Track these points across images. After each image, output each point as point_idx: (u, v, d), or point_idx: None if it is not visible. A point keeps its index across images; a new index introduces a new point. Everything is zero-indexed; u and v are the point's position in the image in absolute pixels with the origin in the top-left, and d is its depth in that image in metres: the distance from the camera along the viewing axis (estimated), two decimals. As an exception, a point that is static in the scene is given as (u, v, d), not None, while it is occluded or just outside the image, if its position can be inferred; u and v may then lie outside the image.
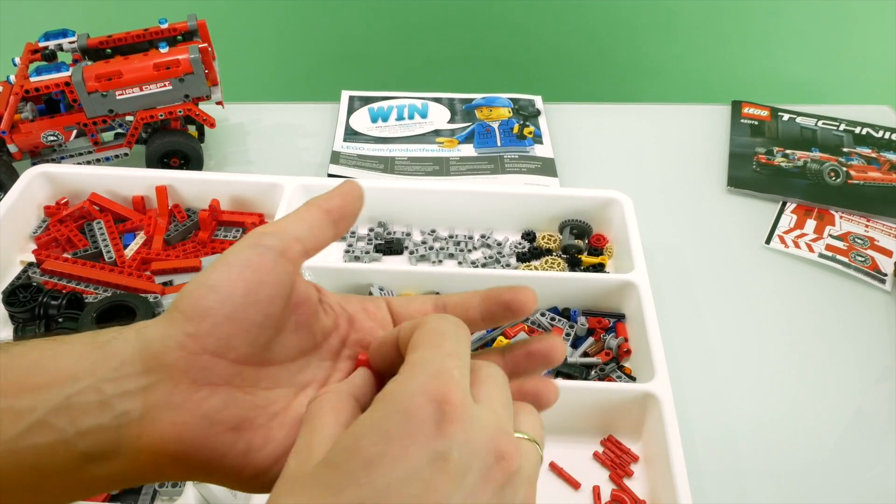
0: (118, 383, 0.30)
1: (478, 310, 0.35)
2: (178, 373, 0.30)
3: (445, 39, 1.17)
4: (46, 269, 0.67)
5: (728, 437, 0.59)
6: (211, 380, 0.31)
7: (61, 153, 0.77)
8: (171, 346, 0.30)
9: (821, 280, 0.73)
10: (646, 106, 0.96)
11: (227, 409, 0.31)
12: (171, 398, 0.30)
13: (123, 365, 0.30)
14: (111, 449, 0.30)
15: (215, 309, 0.31)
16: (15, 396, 0.30)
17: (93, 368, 0.30)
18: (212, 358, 0.31)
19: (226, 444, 0.31)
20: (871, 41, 1.12)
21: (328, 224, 0.35)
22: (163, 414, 0.30)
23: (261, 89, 1.23)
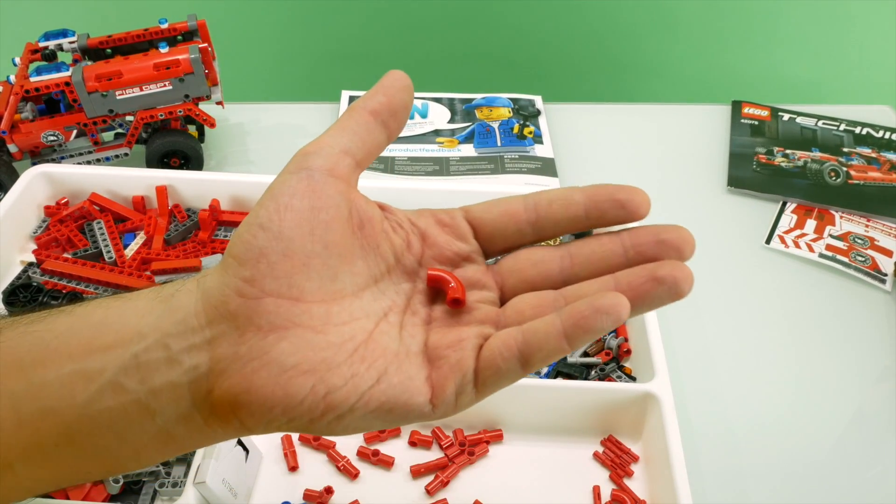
0: (183, 337, 0.29)
1: (581, 206, 0.32)
2: (242, 320, 0.28)
3: (445, 39, 1.17)
4: (46, 269, 0.67)
5: (728, 437, 0.59)
6: (277, 323, 0.28)
7: (61, 153, 0.77)
8: (230, 293, 0.28)
9: (821, 280, 0.73)
10: (646, 106, 0.96)
11: (298, 352, 0.28)
12: (237, 348, 0.28)
13: (188, 318, 0.29)
14: (185, 407, 0.29)
15: (268, 247, 0.28)
16: (83, 359, 0.29)
17: (158, 323, 0.29)
18: (275, 300, 0.28)
19: (303, 389, 0.28)
20: (871, 41, 1.12)
21: (377, 126, 0.32)
22: (231, 365, 0.28)
23: (261, 89, 1.23)
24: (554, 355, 0.28)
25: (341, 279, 0.30)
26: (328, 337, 0.29)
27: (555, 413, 0.56)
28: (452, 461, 0.55)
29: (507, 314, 0.31)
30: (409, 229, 0.33)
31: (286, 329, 0.28)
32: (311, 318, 0.29)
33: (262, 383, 0.28)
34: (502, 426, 0.57)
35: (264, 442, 0.56)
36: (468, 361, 0.29)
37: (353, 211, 0.31)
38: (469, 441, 0.56)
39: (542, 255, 0.32)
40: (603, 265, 0.31)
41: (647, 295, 0.29)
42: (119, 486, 0.51)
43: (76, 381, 0.29)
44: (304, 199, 0.29)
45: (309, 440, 0.56)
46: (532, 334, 0.29)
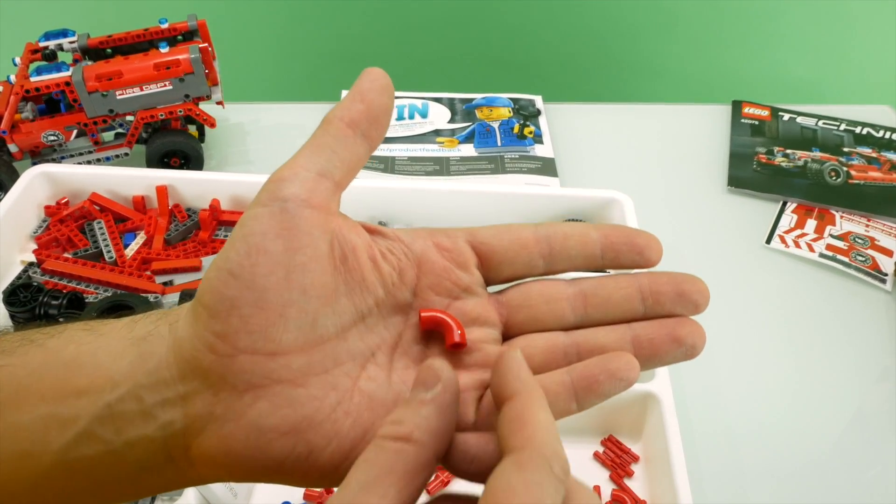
0: (157, 391, 0.27)
1: (598, 246, 0.30)
2: (215, 378, 0.26)
3: (445, 39, 1.17)
4: (47, 269, 0.67)
5: (728, 437, 0.59)
6: (254, 382, 0.26)
7: (61, 153, 0.77)
8: (202, 349, 0.26)
9: (821, 280, 0.73)
10: (646, 106, 0.96)
11: (277, 411, 0.26)
12: (213, 408, 0.26)
13: (160, 368, 0.27)
14: (162, 459, 0.27)
15: (240, 298, 0.25)
16: (56, 403, 0.27)
17: (130, 371, 0.27)
18: (250, 357, 0.26)
19: (283, 451, 0.26)
20: (871, 41, 1.12)
21: (356, 139, 0.28)
22: (207, 426, 0.26)
23: (261, 89, 1.23)
24: (560, 416, 0.27)
25: (322, 323, 0.27)
26: (309, 390, 0.26)
27: (555, 413, 0.56)
28: (452, 461, 0.55)
29: None
30: (401, 255, 0.29)
31: (263, 387, 0.26)
32: (289, 371, 0.26)
33: (241, 446, 0.26)
34: (502, 426, 0.57)
35: (264, 442, 0.56)
36: (468, 416, 0.27)
37: (335, 243, 0.27)
38: (469, 441, 0.56)
39: (555, 290, 0.30)
40: (618, 311, 0.30)
41: (663, 354, 0.29)
42: (119, 486, 0.51)
43: (51, 426, 0.27)
44: (278, 239, 0.26)
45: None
46: None
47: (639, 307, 0.29)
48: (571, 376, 0.27)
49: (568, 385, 0.27)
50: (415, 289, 0.29)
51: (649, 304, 0.29)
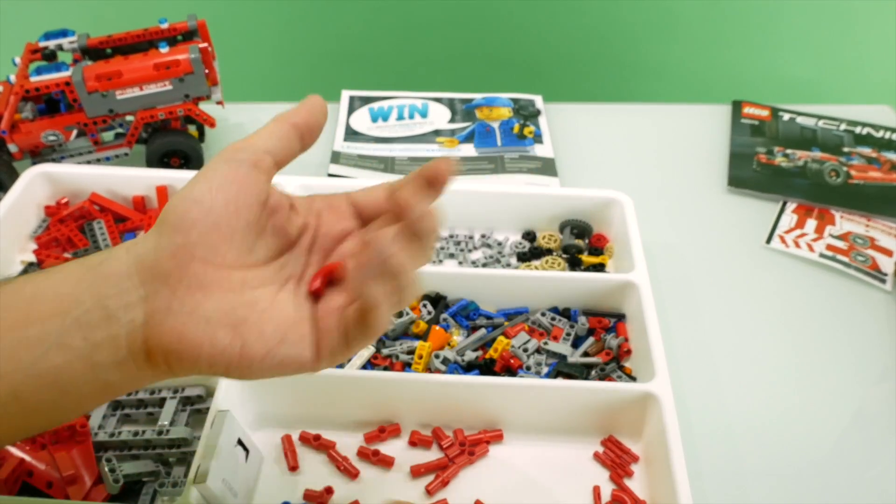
0: (120, 297, 0.33)
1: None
2: (174, 280, 0.34)
3: (446, 39, 1.18)
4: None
5: (728, 437, 0.59)
6: (204, 284, 0.34)
7: (61, 153, 0.77)
8: (164, 256, 0.34)
9: (821, 280, 0.73)
10: (646, 106, 0.96)
11: (221, 309, 0.34)
12: (170, 304, 0.33)
13: (121, 281, 0.34)
14: (122, 356, 0.34)
15: (201, 220, 0.34)
16: (23, 329, 0.33)
17: (92, 289, 0.33)
18: (203, 264, 0.34)
19: (224, 341, 0.34)
20: (871, 41, 1.12)
21: (295, 137, 0.38)
22: (164, 318, 0.33)
23: (261, 89, 1.23)
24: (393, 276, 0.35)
25: (255, 252, 0.37)
26: (244, 298, 0.35)
27: (555, 413, 0.56)
28: (452, 461, 0.55)
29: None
30: (307, 212, 0.40)
31: (210, 289, 0.34)
32: (230, 281, 0.35)
33: (192, 334, 0.34)
34: (502, 426, 0.57)
35: (264, 442, 0.56)
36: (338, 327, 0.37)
37: (270, 199, 0.37)
38: (469, 441, 0.56)
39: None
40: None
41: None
42: (119, 486, 0.51)
43: (20, 349, 0.32)
44: (234, 183, 0.35)
45: (309, 440, 0.56)
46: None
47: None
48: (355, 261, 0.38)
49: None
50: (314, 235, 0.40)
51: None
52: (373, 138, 0.87)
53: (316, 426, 0.57)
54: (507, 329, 0.63)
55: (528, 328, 0.64)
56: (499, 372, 0.60)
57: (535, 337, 0.63)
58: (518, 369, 0.60)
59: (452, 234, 0.73)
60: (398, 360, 0.61)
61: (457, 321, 0.64)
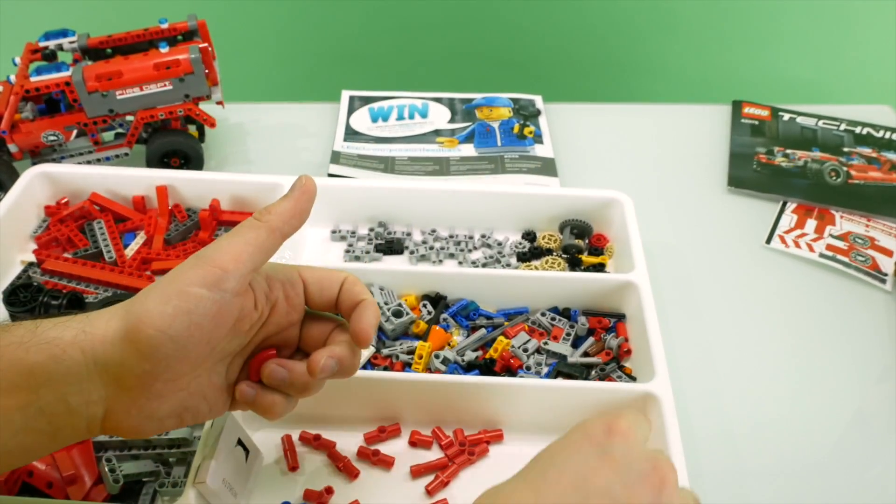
0: (81, 395, 0.38)
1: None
2: (135, 393, 0.39)
3: (446, 39, 1.18)
4: (47, 269, 0.67)
5: (728, 437, 0.59)
6: (162, 394, 0.39)
7: (61, 153, 0.77)
8: (130, 375, 0.38)
9: (821, 280, 0.73)
10: (646, 106, 0.96)
11: (172, 408, 0.40)
12: (128, 409, 0.39)
13: (80, 381, 0.38)
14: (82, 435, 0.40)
15: (172, 355, 0.38)
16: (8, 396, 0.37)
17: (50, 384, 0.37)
18: (163, 383, 0.39)
19: (170, 427, 0.42)
20: (871, 41, 1.12)
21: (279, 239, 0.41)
22: (123, 419, 0.39)
23: (261, 89, 1.23)
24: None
25: (209, 356, 0.41)
26: (191, 391, 0.41)
27: (555, 413, 0.56)
28: (452, 461, 0.55)
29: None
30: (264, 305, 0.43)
31: (164, 396, 0.40)
32: (181, 383, 0.40)
33: (147, 429, 0.40)
34: (502, 426, 0.57)
35: (264, 442, 0.56)
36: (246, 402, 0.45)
37: (240, 314, 0.41)
38: (469, 441, 0.56)
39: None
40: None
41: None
42: (119, 486, 0.51)
43: None
44: (212, 319, 0.39)
45: (309, 440, 0.56)
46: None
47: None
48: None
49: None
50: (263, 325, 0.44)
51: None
52: (373, 138, 0.87)
53: (316, 426, 0.57)
54: (507, 329, 0.63)
55: (528, 328, 0.64)
56: (499, 372, 0.60)
57: (535, 337, 0.63)
58: (518, 369, 0.60)
59: (452, 234, 0.73)
60: (398, 360, 0.61)
61: (457, 321, 0.64)
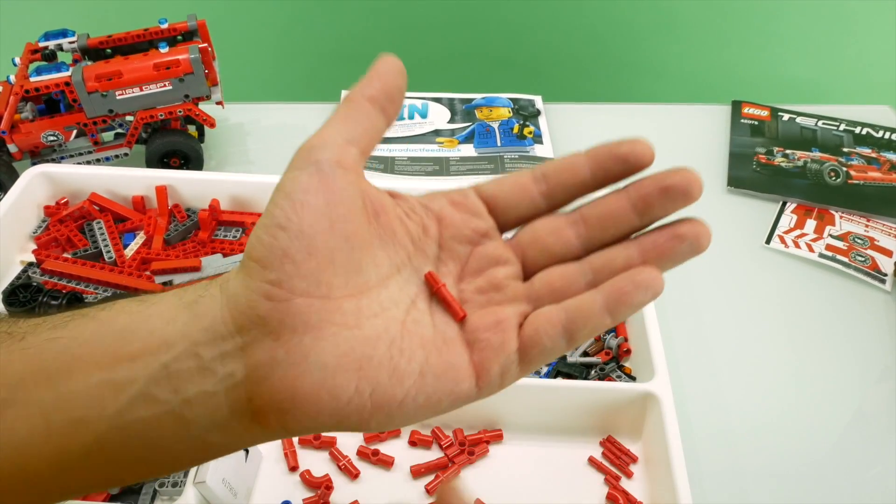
0: (214, 345, 0.28)
1: (587, 169, 0.32)
2: (274, 324, 0.27)
3: (445, 39, 1.17)
4: (46, 269, 0.67)
5: (728, 437, 0.59)
6: (312, 323, 0.28)
7: (61, 153, 0.77)
8: (257, 298, 0.28)
9: (821, 280, 0.73)
10: (646, 106, 0.96)
11: (338, 350, 0.28)
12: (274, 353, 0.27)
13: (215, 325, 0.28)
14: (223, 416, 0.28)
15: (291, 247, 0.28)
16: (110, 368, 0.28)
17: (185, 331, 0.28)
18: (305, 300, 0.28)
19: (347, 389, 0.28)
20: (871, 41, 1.12)
21: (376, 113, 0.32)
22: (270, 372, 0.27)
23: (261, 89, 1.22)
24: (598, 330, 0.30)
25: (365, 271, 0.29)
26: (363, 332, 0.28)
27: (555, 413, 0.56)
28: (452, 461, 0.55)
29: (537, 288, 0.31)
30: (423, 214, 0.33)
31: (321, 328, 0.28)
32: (343, 314, 0.28)
33: (308, 387, 0.27)
34: (502, 426, 0.57)
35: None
36: (511, 343, 0.30)
37: (367, 201, 0.30)
38: (469, 441, 0.56)
39: (557, 223, 0.32)
40: (614, 224, 0.31)
41: (671, 254, 0.30)
42: (119, 486, 0.51)
43: (105, 392, 0.28)
44: (319, 194, 0.28)
45: (309, 440, 0.56)
46: (576, 312, 0.29)
47: (633, 216, 0.31)
48: (602, 294, 0.29)
49: (600, 301, 0.29)
50: (439, 241, 0.33)
51: (640, 208, 0.31)
52: (373, 138, 0.87)
53: (316, 426, 0.57)
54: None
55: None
56: (499, 372, 0.60)
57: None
58: (518, 369, 0.60)
59: (452, 234, 0.73)
60: (398, 360, 0.60)
61: (457, 321, 0.64)
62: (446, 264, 0.32)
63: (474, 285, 0.32)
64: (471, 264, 0.32)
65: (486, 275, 0.32)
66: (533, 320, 0.30)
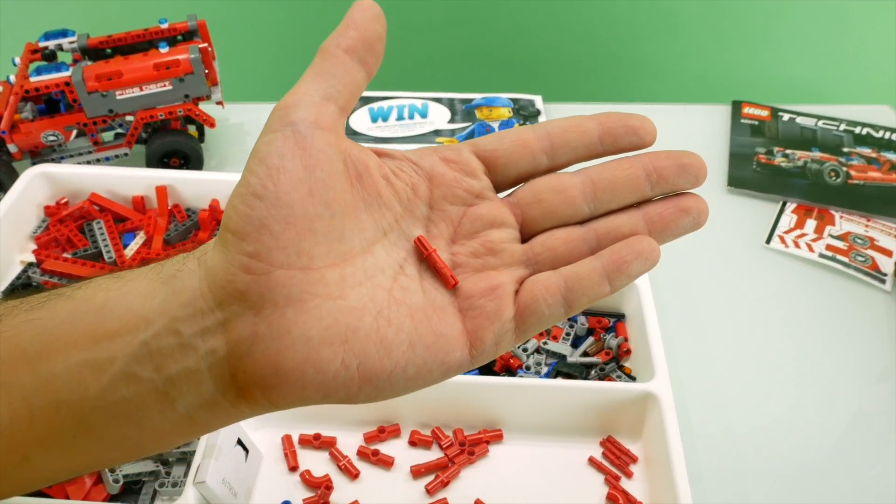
0: (194, 321, 0.27)
1: (595, 133, 0.31)
2: (255, 298, 0.26)
3: (445, 39, 1.17)
4: (46, 269, 0.67)
5: (728, 437, 0.59)
6: (293, 296, 0.27)
7: (61, 153, 0.77)
8: (235, 271, 0.26)
9: (821, 280, 0.73)
10: (646, 106, 0.96)
11: (321, 322, 0.27)
12: (256, 328, 0.26)
13: (194, 300, 0.27)
14: (208, 392, 0.27)
15: (268, 217, 0.26)
16: (89, 348, 0.28)
17: (163, 307, 0.27)
18: (285, 272, 0.26)
19: (333, 363, 0.27)
20: (871, 41, 1.12)
21: (354, 65, 0.29)
22: (252, 347, 0.26)
23: (261, 89, 1.22)
24: (596, 299, 0.29)
25: (349, 238, 0.28)
26: (348, 302, 0.27)
27: (555, 413, 0.56)
28: (452, 461, 0.55)
29: (538, 252, 0.30)
30: (411, 172, 0.31)
31: (303, 301, 0.27)
32: (326, 284, 0.27)
33: (291, 363, 0.26)
34: (502, 426, 0.57)
35: (264, 442, 0.56)
36: (507, 310, 0.29)
37: (348, 162, 0.29)
38: (469, 441, 0.56)
39: (563, 181, 0.31)
40: (626, 190, 0.31)
41: (673, 226, 0.31)
42: (119, 486, 0.51)
43: (86, 372, 0.27)
44: (295, 158, 0.27)
45: (309, 440, 0.56)
46: (575, 280, 0.29)
47: (645, 185, 0.31)
48: (601, 261, 0.29)
49: (599, 269, 0.29)
50: (430, 201, 0.31)
51: (654, 179, 0.31)
52: (372, 138, 0.87)
53: (316, 426, 0.57)
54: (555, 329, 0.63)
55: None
56: (498, 372, 0.60)
57: (534, 336, 0.63)
58: (518, 369, 0.60)
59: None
60: (398, 360, 0.60)
61: (457, 321, 0.64)
62: (437, 226, 0.31)
63: (468, 248, 0.30)
64: (464, 226, 0.31)
65: (481, 237, 0.31)
66: (530, 287, 0.29)
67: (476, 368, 0.60)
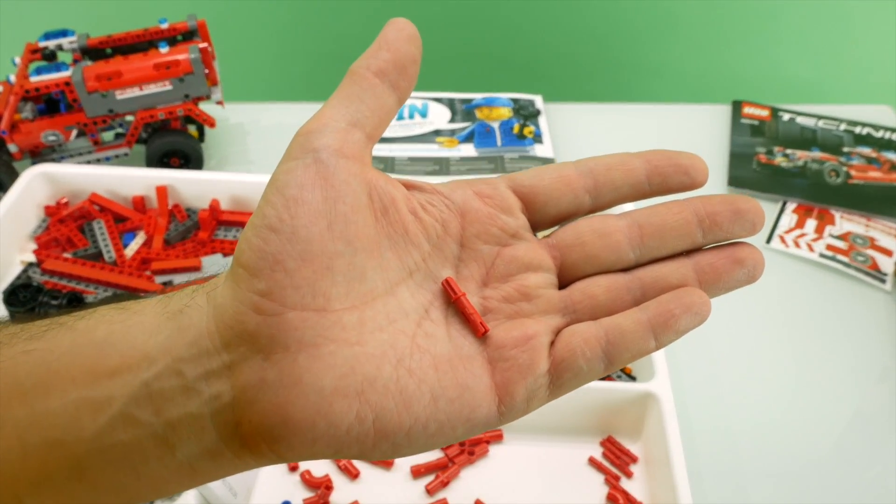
0: (198, 363, 0.25)
1: (642, 172, 0.29)
2: (265, 341, 0.24)
3: (445, 39, 1.17)
4: (47, 269, 0.67)
5: (728, 437, 0.59)
6: (306, 340, 0.24)
7: (61, 153, 0.77)
8: (245, 311, 0.24)
9: (821, 280, 0.73)
10: (646, 106, 0.96)
11: (336, 371, 0.24)
12: (264, 374, 0.24)
13: (200, 339, 0.25)
14: (210, 440, 0.25)
15: (283, 252, 0.24)
16: (88, 385, 0.26)
17: (167, 345, 0.25)
18: (299, 313, 0.24)
19: (347, 416, 0.24)
20: (871, 41, 1.12)
21: (385, 89, 0.27)
22: (260, 395, 0.24)
23: (261, 89, 1.22)
24: (640, 355, 0.26)
25: (370, 277, 0.26)
26: (366, 349, 0.25)
27: (554, 413, 0.56)
28: (452, 461, 0.55)
29: (577, 299, 0.28)
30: (442, 206, 0.28)
31: (317, 346, 0.24)
32: (343, 329, 0.25)
33: (301, 414, 0.24)
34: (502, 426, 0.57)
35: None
36: (541, 363, 0.26)
37: (374, 194, 0.26)
38: (469, 441, 0.56)
39: (607, 224, 0.28)
40: (676, 237, 0.28)
41: (727, 278, 0.27)
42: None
43: (83, 411, 0.25)
44: (316, 189, 0.25)
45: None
46: (617, 333, 0.26)
47: (696, 232, 0.28)
48: (647, 314, 0.26)
49: (645, 323, 0.26)
50: (461, 239, 0.28)
51: (706, 226, 0.28)
52: (373, 138, 0.87)
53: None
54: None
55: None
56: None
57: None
58: (518, 369, 0.60)
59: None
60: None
61: (457, 321, 0.64)
62: (468, 266, 0.28)
63: (501, 292, 0.28)
64: (497, 267, 0.28)
65: (516, 280, 0.28)
66: (568, 338, 0.27)
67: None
